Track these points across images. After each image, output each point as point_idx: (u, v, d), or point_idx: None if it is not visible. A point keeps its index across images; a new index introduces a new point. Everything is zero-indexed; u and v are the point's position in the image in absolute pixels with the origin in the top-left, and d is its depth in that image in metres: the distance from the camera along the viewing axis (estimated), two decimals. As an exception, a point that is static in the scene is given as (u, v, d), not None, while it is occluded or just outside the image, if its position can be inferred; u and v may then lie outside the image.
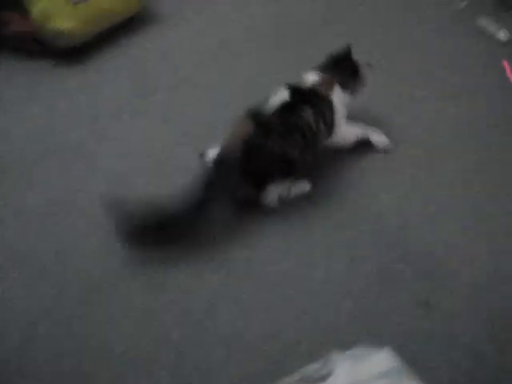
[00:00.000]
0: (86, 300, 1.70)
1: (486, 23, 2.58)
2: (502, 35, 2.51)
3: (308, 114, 1.86)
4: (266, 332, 1.63)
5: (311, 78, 1.97)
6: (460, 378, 1.53)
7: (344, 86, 2.00)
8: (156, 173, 2.04)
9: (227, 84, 2.36)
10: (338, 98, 1.98)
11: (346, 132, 2.02)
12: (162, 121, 2.21)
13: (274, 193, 1.88)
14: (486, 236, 1.85)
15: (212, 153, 1.94)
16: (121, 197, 1.79)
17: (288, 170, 1.87)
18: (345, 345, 1.36)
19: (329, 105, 1.94)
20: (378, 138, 2.07)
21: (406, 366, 1.30)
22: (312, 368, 1.33)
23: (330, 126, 1.94)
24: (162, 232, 1.77)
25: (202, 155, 1.99)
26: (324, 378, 1.28)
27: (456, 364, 1.55)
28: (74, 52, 2.45)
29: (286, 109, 1.84)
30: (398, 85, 2.35)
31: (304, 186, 1.95)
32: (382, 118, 2.18)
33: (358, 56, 2.08)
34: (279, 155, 1.83)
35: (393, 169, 2.04)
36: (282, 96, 1.86)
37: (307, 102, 1.88)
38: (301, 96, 1.89)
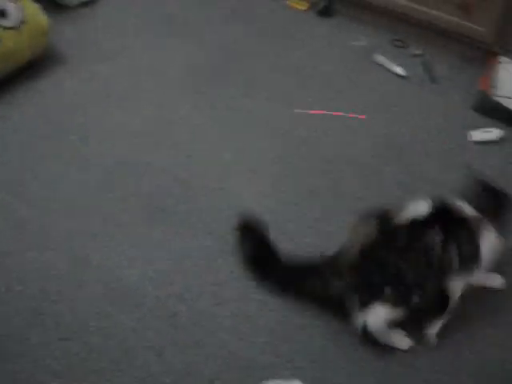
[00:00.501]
0: None
1: (382, 60, 2.72)
2: (399, 70, 2.67)
3: (436, 240, 1.61)
4: (180, 370, 1.63)
5: (467, 208, 1.68)
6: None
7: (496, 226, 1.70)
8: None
9: (134, 127, 2.36)
10: (489, 238, 1.68)
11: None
12: (66, 165, 2.18)
13: (378, 316, 1.63)
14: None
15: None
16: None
17: (401, 293, 1.62)
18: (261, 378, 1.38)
19: (474, 241, 1.66)
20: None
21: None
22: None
23: (466, 263, 1.65)
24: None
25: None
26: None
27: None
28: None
29: (417, 224, 1.62)
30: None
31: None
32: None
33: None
34: (393, 272, 1.61)
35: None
36: (420, 209, 1.65)
37: (444, 227, 1.62)
38: (441, 217, 1.64)
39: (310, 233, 1.99)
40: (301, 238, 1.97)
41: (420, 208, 1.65)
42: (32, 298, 1.77)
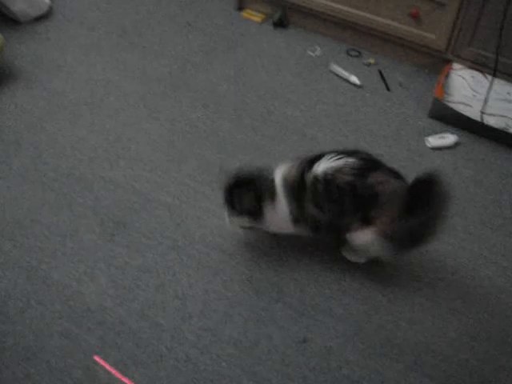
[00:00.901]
0: None
1: (338, 69, 2.75)
2: (354, 79, 2.70)
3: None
4: (148, 388, 1.61)
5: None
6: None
7: None
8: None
9: (91, 142, 2.33)
10: None
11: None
12: (21, 182, 2.15)
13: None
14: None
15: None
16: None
17: None
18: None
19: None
20: None
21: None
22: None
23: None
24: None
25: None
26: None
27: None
28: None
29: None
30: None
31: None
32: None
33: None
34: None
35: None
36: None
37: None
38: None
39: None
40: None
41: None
42: (-10, 320, 1.73)
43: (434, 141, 2.44)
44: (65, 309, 1.77)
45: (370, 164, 1.78)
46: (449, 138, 2.45)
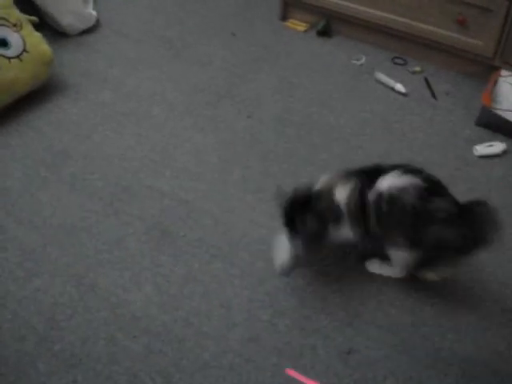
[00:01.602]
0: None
1: (383, 77, 2.73)
2: (400, 87, 2.67)
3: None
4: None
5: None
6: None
7: None
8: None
9: (138, 152, 2.37)
10: None
11: None
12: (70, 191, 2.19)
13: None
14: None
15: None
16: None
17: None
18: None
19: None
20: None
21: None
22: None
23: None
24: None
25: None
26: None
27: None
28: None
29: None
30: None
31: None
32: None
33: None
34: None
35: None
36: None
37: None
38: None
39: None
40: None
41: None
42: (40, 326, 1.76)
43: (481, 149, 2.39)
44: (111, 316, 1.79)
45: (434, 187, 1.74)
46: (497, 146, 2.40)
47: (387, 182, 1.71)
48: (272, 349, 1.73)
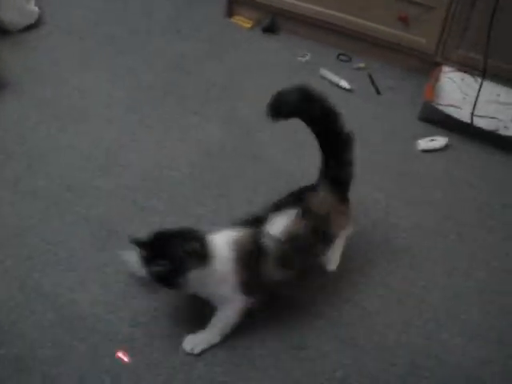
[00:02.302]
0: None
1: (328, 74, 2.76)
2: (344, 83, 2.71)
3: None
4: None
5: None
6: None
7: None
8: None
9: (82, 150, 2.33)
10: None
11: None
12: (12, 191, 2.14)
13: None
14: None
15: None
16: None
17: None
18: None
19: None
20: None
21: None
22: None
23: None
24: None
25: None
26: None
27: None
28: None
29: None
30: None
31: None
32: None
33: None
34: None
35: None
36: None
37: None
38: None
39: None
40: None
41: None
42: (-19, 330, 1.72)
43: (424, 143, 2.45)
44: (57, 317, 1.76)
45: (303, 195, 1.79)
46: (439, 141, 2.45)
47: (275, 228, 1.69)
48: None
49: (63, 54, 2.80)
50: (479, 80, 2.54)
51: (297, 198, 1.78)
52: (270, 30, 3.03)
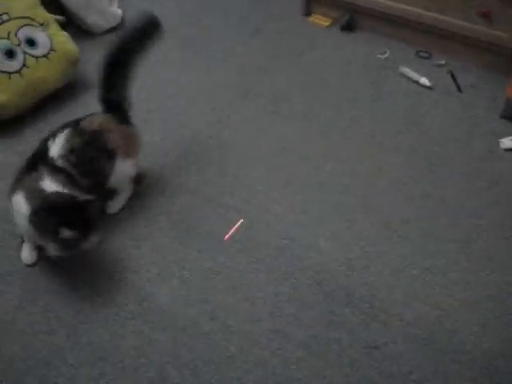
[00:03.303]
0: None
1: (408, 71, 2.72)
2: (424, 81, 2.66)
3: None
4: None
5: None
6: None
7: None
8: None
9: (163, 150, 2.39)
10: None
11: None
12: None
13: None
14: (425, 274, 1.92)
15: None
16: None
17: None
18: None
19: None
20: None
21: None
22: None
23: None
24: None
25: None
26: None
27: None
28: (5, 125, 2.44)
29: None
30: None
31: None
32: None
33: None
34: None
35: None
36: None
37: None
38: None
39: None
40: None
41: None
42: (68, 318, 1.80)
43: (507, 142, 2.37)
44: (138, 310, 1.82)
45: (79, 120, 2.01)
46: (523, 139, 2.38)
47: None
48: (297, 343, 1.74)
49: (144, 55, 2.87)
50: None
51: (70, 123, 1.98)
52: (348, 28, 3.01)
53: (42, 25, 2.53)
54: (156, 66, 2.79)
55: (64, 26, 2.68)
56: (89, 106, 2.55)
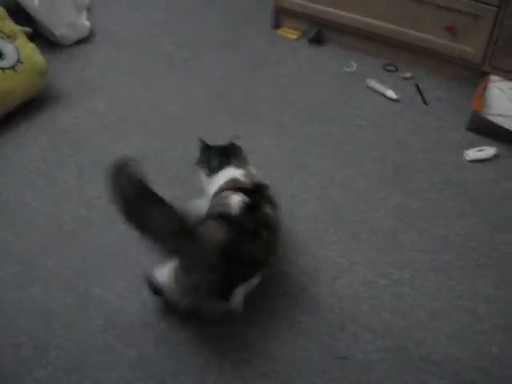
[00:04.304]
0: None
1: (374, 84, 2.76)
2: (391, 93, 2.70)
3: (268, 209, 1.79)
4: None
5: (237, 172, 1.89)
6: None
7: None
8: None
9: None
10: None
11: None
12: (66, 199, 2.20)
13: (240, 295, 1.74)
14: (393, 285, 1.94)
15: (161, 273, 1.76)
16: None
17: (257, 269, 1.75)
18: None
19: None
20: None
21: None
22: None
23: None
24: None
25: (149, 281, 1.81)
26: None
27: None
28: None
29: (249, 207, 1.74)
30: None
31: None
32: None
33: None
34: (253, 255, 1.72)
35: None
36: (238, 196, 1.76)
37: (261, 197, 1.81)
38: (252, 192, 1.79)
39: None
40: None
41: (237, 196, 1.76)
42: (36, 333, 1.77)
43: (472, 154, 2.42)
44: (107, 324, 1.80)
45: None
46: (488, 151, 2.43)
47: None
48: (264, 354, 1.74)
49: (114, 67, 2.87)
50: (529, 89, 2.51)
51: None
52: (316, 40, 3.04)
53: (9, 36, 2.51)
54: (129, 74, 2.80)
55: (32, 37, 2.66)
56: (58, 119, 2.55)
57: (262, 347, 1.76)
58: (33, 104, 2.58)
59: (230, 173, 1.89)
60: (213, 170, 1.93)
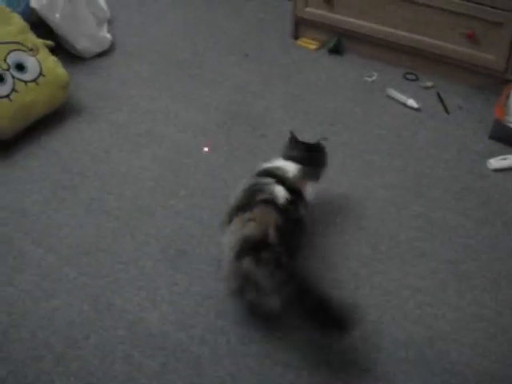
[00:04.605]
0: None
1: (395, 94, 2.75)
2: (412, 103, 2.68)
3: (302, 208, 1.91)
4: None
5: (291, 169, 1.98)
6: None
7: (312, 178, 2.02)
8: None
9: (153, 172, 2.39)
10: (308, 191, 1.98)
11: None
12: (86, 211, 2.22)
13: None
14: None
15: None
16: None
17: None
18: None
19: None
20: None
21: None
22: None
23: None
24: None
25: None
26: None
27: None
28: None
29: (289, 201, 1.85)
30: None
31: None
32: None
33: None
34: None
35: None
36: (280, 189, 1.86)
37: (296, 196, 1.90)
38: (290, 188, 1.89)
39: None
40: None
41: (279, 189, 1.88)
42: (57, 345, 1.78)
43: (495, 163, 2.39)
44: (127, 334, 1.81)
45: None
46: (511, 160, 2.39)
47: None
48: (285, 364, 1.73)
49: (135, 78, 2.89)
50: (552, 97, 2.47)
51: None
52: (336, 51, 3.04)
53: (31, 50, 2.54)
54: (149, 86, 2.82)
55: (53, 50, 2.69)
56: (79, 131, 2.57)
57: (283, 358, 1.75)
58: (55, 117, 2.61)
59: (287, 164, 2.00)
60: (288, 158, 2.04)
